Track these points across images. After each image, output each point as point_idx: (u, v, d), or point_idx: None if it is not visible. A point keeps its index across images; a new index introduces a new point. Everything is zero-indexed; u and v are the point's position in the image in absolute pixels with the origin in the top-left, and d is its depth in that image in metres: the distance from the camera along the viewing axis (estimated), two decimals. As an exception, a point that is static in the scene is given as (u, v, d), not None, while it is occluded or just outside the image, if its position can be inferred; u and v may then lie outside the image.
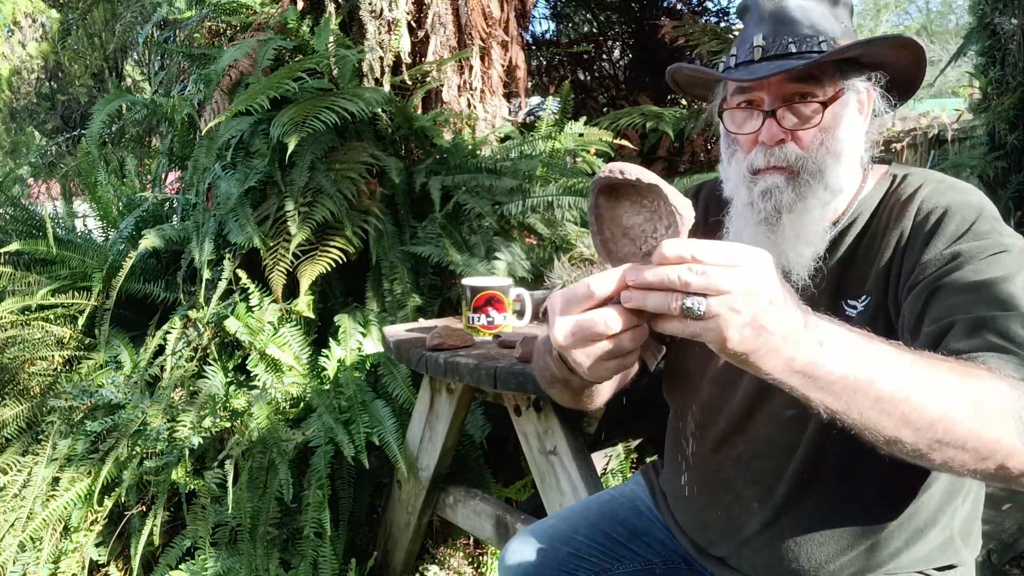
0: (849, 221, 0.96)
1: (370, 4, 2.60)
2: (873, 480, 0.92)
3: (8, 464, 2.08)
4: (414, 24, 2.74)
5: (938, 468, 0.67)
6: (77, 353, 2.32)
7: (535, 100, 4.55)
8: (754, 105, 0.96)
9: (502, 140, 2.87)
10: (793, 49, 0.92)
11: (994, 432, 0.64)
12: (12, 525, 1.98)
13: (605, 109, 4.65)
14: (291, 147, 2.13)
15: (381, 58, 2.61)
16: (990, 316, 0.77)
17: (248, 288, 2.26)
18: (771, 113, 0.93)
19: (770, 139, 0.93)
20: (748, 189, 0.95)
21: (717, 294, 0.56)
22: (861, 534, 0.94)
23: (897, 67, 0.95)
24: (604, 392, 0.99)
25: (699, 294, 0.56)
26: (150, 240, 2.35)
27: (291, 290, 2.26)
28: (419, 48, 2.77)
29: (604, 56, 5.32)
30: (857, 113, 0.95)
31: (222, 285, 2.28)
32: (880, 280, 0.91)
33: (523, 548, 1.20)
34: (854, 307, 0.92)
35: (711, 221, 1.06)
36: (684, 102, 4.17)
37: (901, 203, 0.93)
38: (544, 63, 5.23)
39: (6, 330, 2.26)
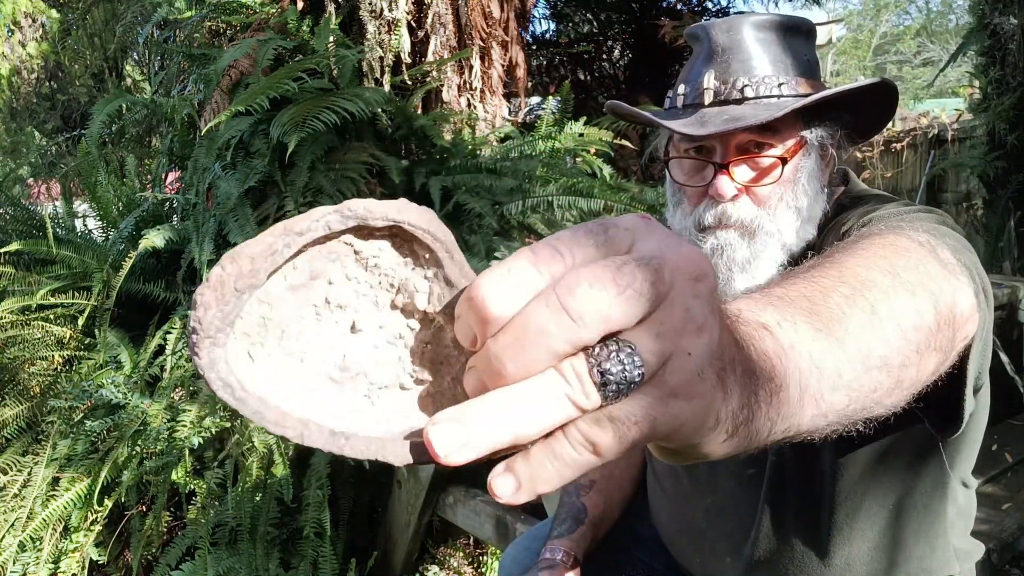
0: None
1: (370, 4, 2.60)
2: (843, 540, 0.86)
3: (8, 464, 2.08)
4: (414, 24, 2.74)
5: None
6: (77, 353, 2.32)
7: (535, 100, 4.55)
8: (704, 154, 0.86)
9: (502, 140, 2.87)
10: (749, 93, 0.83)
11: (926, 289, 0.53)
12: (12, 525, 1.98)
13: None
14: (291, 147, 2.13)
15: (381, 58, 2.61)
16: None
17: (248, 288, 2.26)
18: (723, 166, 0.83)
19: (722, 195, 0.83)
20: (696, 244, 0.83)
21: (647, 321, 0.27)
22: None
23: (865, 108, 0.87)
24: None
25: (611, 341, 0.27)
26: (150, 240, 2.35)
27: (291, 290, 2.26)
28: (419, 48, 2.77)
29: (604, 56, 5.33)
30: (819, 159, 0.86)
31: (222, 285, 2.27)
32: None
33: (524, 553, 1.17)
34: None
35: None
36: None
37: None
38: (544, 63, 5.24)
39: (6, 330, 2.26)
